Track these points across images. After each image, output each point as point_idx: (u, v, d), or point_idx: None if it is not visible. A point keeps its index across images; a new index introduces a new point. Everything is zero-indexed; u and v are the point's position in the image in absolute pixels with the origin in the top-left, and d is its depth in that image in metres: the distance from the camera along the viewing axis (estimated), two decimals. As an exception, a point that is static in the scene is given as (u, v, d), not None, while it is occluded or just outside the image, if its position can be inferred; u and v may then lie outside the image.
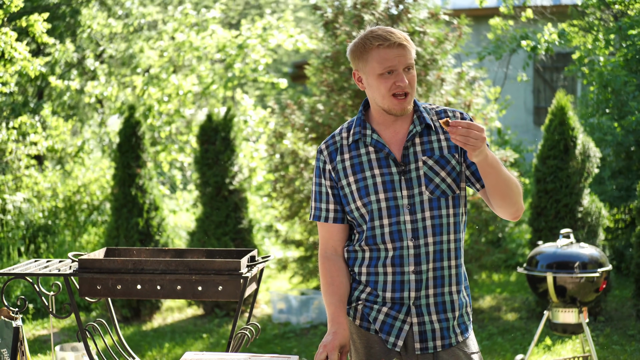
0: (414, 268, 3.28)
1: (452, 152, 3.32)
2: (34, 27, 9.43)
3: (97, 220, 11.34)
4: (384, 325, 3.34)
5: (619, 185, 10.12)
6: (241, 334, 3.93)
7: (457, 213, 3.34)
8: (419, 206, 3.28)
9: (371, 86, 3.32)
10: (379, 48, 3.26)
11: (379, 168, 3.32)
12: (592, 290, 6.37)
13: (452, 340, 3.33)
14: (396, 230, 3.28)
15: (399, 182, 3.29)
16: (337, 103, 8.81)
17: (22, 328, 4.00)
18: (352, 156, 3.37)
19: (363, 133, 3.37)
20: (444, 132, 3.35)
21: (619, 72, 9.88)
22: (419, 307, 3.30)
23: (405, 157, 3.31)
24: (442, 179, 3.29)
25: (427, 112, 3.40)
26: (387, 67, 3.25)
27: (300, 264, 9.50)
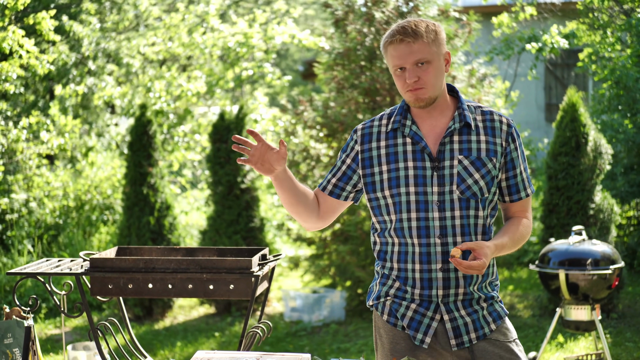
0: (442, 266, 3.27)
1: (491, 156, 3.30)
2: (41, 25, 9.45)
3: (109, 219, 11.36)
4: (412, 321, 3.34)
5: (630, 181, 10.08)
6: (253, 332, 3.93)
7: (486, 215, 3.33)
8: (449, 204, 3.26)
9: (395, 82, 3.37)
10: (389, 45, 3.28)
11: (413, 161, 3.31)
12: (605, 287, 6.34)
13: (485, 330, 3.33)
14: (424, 226, 3.28)
15: (431, 178, 3.28)
16: (348, 100, 8.81)
17: (33, 327, 4.01)
18: (388, 145, 3.37)
19: (402, 123, 3.36)
20: (486, 134, 3.33)
21: (631, 69, 9.84)
22: (447, 304, 3.30)
23: (441, 153, 3.29)
24: (475, 181, 3.28)
25: (472, 110, 3.38)
26: (397, 65, 3.27)
27: (312, 262, 9.49)
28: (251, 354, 3.50)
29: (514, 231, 3.37)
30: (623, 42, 10.46)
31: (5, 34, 8.93)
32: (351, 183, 3.47)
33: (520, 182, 3.40)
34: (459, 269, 3.12)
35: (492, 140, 3.32)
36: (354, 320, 8.74)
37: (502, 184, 3.39)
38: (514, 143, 3.36)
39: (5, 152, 10.59)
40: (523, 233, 3.40)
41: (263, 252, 3.96)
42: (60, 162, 13.46)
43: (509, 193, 3.40)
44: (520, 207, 3.45)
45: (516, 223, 3.41)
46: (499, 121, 3.36)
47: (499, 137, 3.33)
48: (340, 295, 8.89)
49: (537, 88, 17.64)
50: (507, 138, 3.34)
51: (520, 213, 3.45)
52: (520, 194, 3.41)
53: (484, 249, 3.14)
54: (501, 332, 3.38)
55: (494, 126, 3.34)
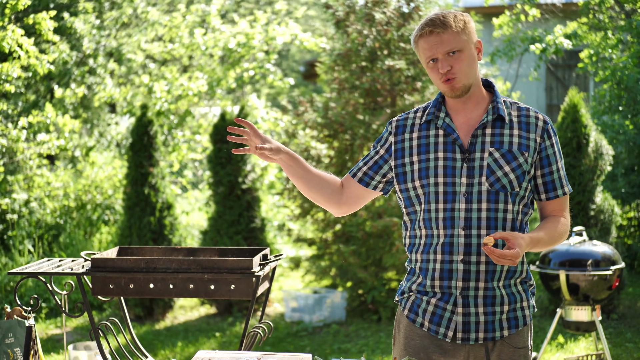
0: (463, 257, 3.25)
1: (522, 150, 3.29)
2: (41, 25, 9.46)
3: (110, 219, 11.37)
4: (433, 316, 3.33)
5: (631, 182, 10.08)
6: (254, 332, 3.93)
7: (515, 210, 3.30)
8: (476, 196, 3.25)
9: (429, 75, 3.38)
10: (419, 39, 3.31)
11: (444, 152, 3.32)
12: (605, 287, 6.35)
13: (496, 334, 3.30)
14: (449, 217, 3.27)
15: (460, 169, 3.28)
16: (349, 101, 8.81)
17: (34, 327, 4.01)
18: (420, 136, 3.39)
19: (436, 115, 3.38)
20: (520, 128, 3.32)
21: (632, 70, 9.84)
22: (466, 297, 3.27)
23: (472, 145, 3.30)
24: (505, 174, 3.26)
25: (507, 105, 3.38)
26: (428, 57, 3.29)
27: (313, 262, 9.50)
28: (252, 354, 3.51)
29: (551, 227, 3.34)
30: (624, 43, 10.46)
31: (5, 33, 8.94)
32: (381, 172, 3.49)
33: (556, 180, 3.37)
34: (491, 257, 3.08)
35: (525, 135, 3.31)
36: (354, 321, 8.74)
37: (538, 181, 3.36)
38: (549, 140, 3.35)
39: (6, 152, 10.60)
40: (561, 231, 3.37)
41: (264, 252, 3.97)
42: (61, 162, 13.48)
43: (545, 190, 3.37)
44: (557, 205, 3.41)
45: (554, 220, 3.37)
46: (534, 117, 3.36)
47: (534, 132, 3.32)
48: (341, 295, 8.89)
49: (538, 89, 17.64)
50: (543, 134, 3.33)
51: (557, 212, 3.42)
52: (556, 191, 3.38)
53: (519, 239, 3.10)
54: (514, 338, 3.35)
55: (529, 121, 3.34)
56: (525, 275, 3.38)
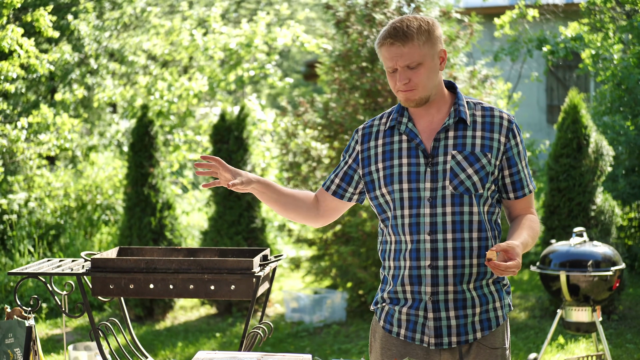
0: (430, 263, 3.25)
1: (486, 151, 3.28)
2: (39, 22, 9.45)
3: (110, 219, 11.37)
4: (408, 323, 3.33)
5: (631, 183, 10.08)
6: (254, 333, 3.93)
7: (481, 212, 3.29)
8: (441, 200, 3.25)
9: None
10: (382, 47, 3.27)
11: (408, 157, 3.31)
12: (606, 288, 6.34)
13: (469, 336, 3.29)
14: (415, 222, 3.26)
15: (424, 174, 3.27)
16: (349, 102, 8.81)
17: (34, 327, 4.01)
18: (385, 142, 3.38)
19: (399, 120, 3.37)
20: (483, 129, 3.31)
21: (632, 70, 9.84)
22: (436, 302, 3.27)
23: (435, 149, 3.28)
24: (468, 176, 3.25)
25: (471, 106, 3.37)
26: (389, 67, 3.27)
27: (313, 263, 9.50)
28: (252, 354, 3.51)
29: (529, 227, 3.32)
30: (625, 43, 10.46)
31: (4, 32, 8.93)
32: (353, 184, 3.49)
33: (523, 179, 3.37)
34: (495, 272, 3.04)
35: (489, 136, 3.29)
36: (355, 321, 8.74)
37: (506, 180, 3.36)
38: (514, 139, 3.33)
39: (6, 152, 10.60)
40: (536, 229, 3.37)
41: (264, 252, 3.96)
42: (61, 162, 13.47)
43: (513, 189, 3.37)
44: (525, 203, 3.42)
45: (528, 219, 3.37)
46: (499, 117, 3.33)
47: (498, 132, 3.30)
48: (341, 296, 8.89)
49: (538, 89, 17.65)
50: (508, 134, 3.32)
51: (526, 210, 3.42)
52: (524, 190, 3.38)
53: (515, 249, 3.08)
54: (489, 340, 3.34)
55: (493, 122, 3.32)
56: (495, 275, 3.35)
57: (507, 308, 3.40)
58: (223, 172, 3.41)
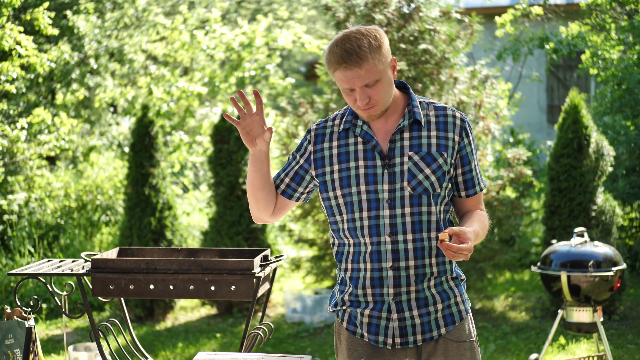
0: (392, 264, 3.26)
1: (441, 151, 3.29)
2: (38, 20, 9.44)
3: (110, 219, 11.36)
4: (370, 326, 3.34)
5: (632, 183, 10.08)
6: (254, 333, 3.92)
7: (438, 211, 3.31)
8: (399, 201, 3.25)
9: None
10: (337, 71, 3.22)
11: (364, 160, 3.31)
12: (607, 289, 6.34)
13: (433, 333, 3.32)
14: (375, 224, 3.27)
15: (382, 176, 3.27)
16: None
17: (34, 328, 4.01)
18: (339, 145, 3.37)
19: (354, 123, 3.36)
20: (437, 129, 3.32)
21: (632, 70, 9.84)
22: (399, 303, 3.28)
23: (391, 150, 3.29)
24: (426, 176, 3.27)
25: (424, 106, 3.37)
26: (345, 88, 3.23)
27: (314, 263, 9.49)
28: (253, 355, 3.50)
29: (479, 221, 3.35)
30: (625, 43, 10.46)
31: (3, 31, 8.93)
32: (303, 184, 3.47)
33: (475, 176, 3.41)
34: (447, 254, 3.06)
35: (443, 135, 3.31)
36: (355, 322, 8.73)
37: (459, 179, 3.38)
38: (467, 138, 3.35)
39: (6, 152, 10.59)
40: (486, 224, 3.41)
41: (265, 253, 3.96)
42: (62, 162, 13.47)
43: (465, 188, 3.39)
44: (475, 201, 3.45)
45: (478, 214, 3.41)
46: (452, 116, 3.35)
47: (452, 131, 3.32)
48: (341, 296, 8.88)
49: (539, 90, 17.64)
50: (461, 133, 3.34)
51: (475, 207, 3.46)
52: (475, 188, 3.41)
53: (467, 233, 3.11)
54: (454, 334, 3.36)
55: (446, 121, 3.34)
56: (454, 273, 3.39)
57: (467, 302, 3.45)
58: (256, 116, 3.33)
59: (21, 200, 10.75)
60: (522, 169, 9.00)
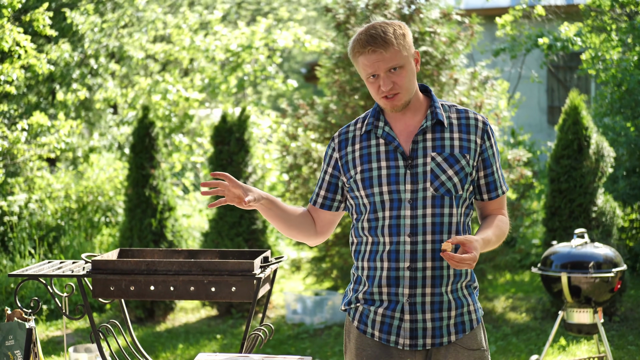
0: (409, 264, 3.26)
1: (464, 152, 3.31)
2: (38, 22, 9.45)
3: (111, 221, 11.36)
4: (382, 325, 3.34)
5: (632, 184, 10.07)
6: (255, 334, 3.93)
7: (459, 213, 3.31)
8: (421, 202, 3.26)
9: (367, 87, 3.36)
10: (360, 55, 3.28)
11: (386, 160, 3.32)
12: (607, 290, 6.34)
13: (444, 339, 3.31)
14: (395, 224, 3.27)
15: (404, 176, 3.28)
16: (349, 104, 8.80)
17: (35, 329, 4.01)
18: (362, 147, 3.39)
19: (375, 124, 3.38)
20: (460, 131, 3.34)
21: (632, 72, 9.83)
22: (413, 304, 3.28)
23: (414, 151, 3.30)
24: (449, 177, 3.27)
25: (445, 109, 3.39)
26: (369, 73, 3.27)
27: (314, 264, 9.49)
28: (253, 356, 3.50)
29: (497, 227, 3.36)
30: (625, 44, 10.46)
31: (3, 32, 8.94)
32: (339, 192, 3.49)
33: (497, 179, 3.41)
34: (450, 263, 3.07)
35: (465, 137, 3.32)
36: (355, 323, 8.72)
37: (480, 182, 3.39)
38: (489, 140, 3.37)
39: (7, 154, 10.59)
40: (504, 229, 3.41)
41: (265, 254, 3.96)
42: (62, 163, 13.47)
43: (487, 190, 3.40)
44: (497, 204, 3.45)
45: (496, 219, 3.41)
46: (474, 119, 3.37)
47: (474, 134, 3.34)
48: (342, 297, 8.88)
49: (539, 91, 17.64)
50: (483, 135, 3.35)
51: (497, 211, 3.46)
52: (497, 191, 3.42)
53: (473, 243, 3.11)
54: (464, 342, 3.36)
55: (468, 124, 3.35)
56: (470, 277, 3.39)
57: (480, 311, 3.44)
58: (232, 189, 3.35)
59: (21, 201, 10.74)
60: (522, 170, 9.00)
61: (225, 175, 3.35)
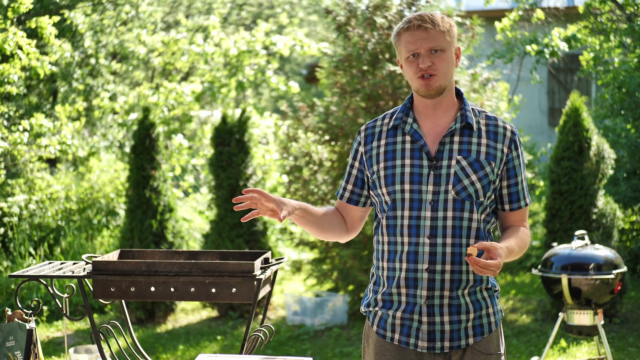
0: (428, 266, 3.24)
1: (490, 160, 3.28)
2: (43, 29, 9.47)
3: (111, 222, 11.36)
4: (402, 328, 3.32)
5: (633, 186, 10.07)
6: (255, 336, 3.92)
7: (480, 219, 3.29)
8: (442, 204, 3.24)
9: (404, 71, 3.35)
10: (405, 32, 3.29)
11: (411, 159, 3.30)
12: (607, 291, 6.34)
13: (461, 342, 3.29)
14: (415, 225, 3.26)
15: (427, 177, 3.27)
16: (350, 105, 8.80)
17: (35, 330, 4.01)
18: (387, 142, 3.37)
19: (404, 120, 3.36)
20: (487, 137, 3.32)
21: (633, 74, 9.83)
22: (431, 307, 3.26)
23: (440, 152, 3.28)
24: (472, 182, 3.25)
25: (476, 114, 3.38)
26: (411, 50, 3.27)
27: (315, 265, 9.49)
28: (254, 357, 3.50)
29: (519, 238, 3.33)
30: (625, 46, 10.46)
31: (6, 35, 8.95)
32: (365, 187, 3.48)
33: (521, 191, 3.38)
34: (474, 269, 3.06)
35: (493, 145, 3.30)
36: (356, 324, 8.73)
37: (504, 191, 3.36)
38: (516, 151, 3.35)
39: (7, 155, 10.59)
40: (525, 241, 3.38)
41: (265, 255, 3.96)
42: (62, 165, 13.47)
43: (509, 201, 3.38)
44: (519, 216, 3.42)
45: (519, 230, 3.38)
46: (502, 127, 3.35)
47: (501, 142, 3.32)
48: (342, 299, 8.88)
49: (540, 92, 17.63)
50: (510, 145, 3.33)
51: (519, 222, 3.43)
52: (520, 202, 3.39)
53: (498, 250, 3.09)
54: (482, 345, 3.34)
55: (497, 131, 3.33)
56: (488, 283, 3.36)
57: (499, 314, 3.42)
58: (266, 203, 3.31)
59: (21, 202, 10.74)
60: (522, 172, 8.99)
61: (257, 191, 3.31)
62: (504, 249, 3.16)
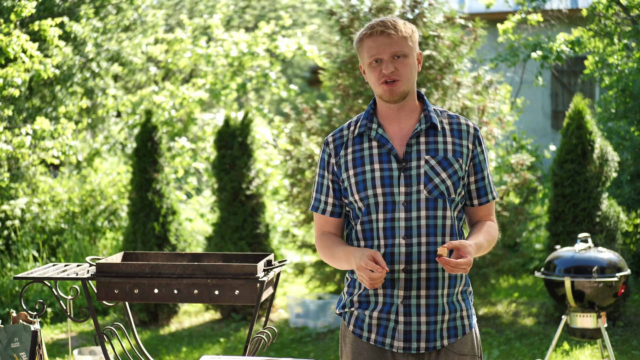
0: (404, 266, 3.27)
1: (457, 157, 3.34)
2: (46, 32, 9.50)
3: (114, 224, 11.36)
4: (379, 328, 3.35)
5: (637, 188, 10.06)
6: (258, 338, 3.93)
7: (453, 216, 3.33)
8: (415, 204, 3.28)
9: (367, 77, 3.39)
10: (367, 38, 3.33)
11: (380, 163, 3.33)
12: (611, 294, 6.33)
13: (437, 343, 3.33)
14: (390, 226, 3.29)
15: (398, 179, 3.30)
16: (352, 108, 8.81)
17: (40, 332, 4.02)
18: (354, 150, 3.40)
19: (369, 126, 3.39)
20: (452, 135, 3.37)
21: (637, 76, 9.83)
22: (408, 306, 3.30)
23: (408, 154, 3.32)
24: (442, 180, 3.30)
25: (438, 114, 3.42)
26: (373, 56, 3.31)
27: (317, 268, 9.49)
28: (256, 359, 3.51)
29: (487, 232, 3.39)
30: (629, 49, 10.45)
31: (10, 38, 8.97)
32: (345, 195, 3.49)
33: (487, 185, 3.45)
34: (446, 269, 3.11)
35: (458, 142, 3.36)
36: (359, 327, 8.72)
37: (471, 187, 3.42)
38: (480, 146, 3.42)
39: (11, 158, 10.60)
40: (494, 235, 3.43)
41: (268, 257, 3.97)
42: (65, 168, 13.47)
43: (477, 196, 3.43)
44: (486, 210, 3.48)
45: (486, 225, 3.43)
46: (465, 125, 3.42)
47: (466, 139, 3.38)
48: (345, 301, 8.87)
49: (543, 95, 17.61)
50: (474, 141, 3.40)
51: (486, 217, 3.49)
52: (487, 196, 3.46)
53: (467, 247, 3.15)
54: (456, 347, 3.37)
55: (460, 129, 3.40)
56: (465, 282, 3.41)
57: (473, 317, 3.46)
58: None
59: (23, 205, 10.75)
60: (525, 175, 9.00)
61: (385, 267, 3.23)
62: (473, 246, 3.21)
